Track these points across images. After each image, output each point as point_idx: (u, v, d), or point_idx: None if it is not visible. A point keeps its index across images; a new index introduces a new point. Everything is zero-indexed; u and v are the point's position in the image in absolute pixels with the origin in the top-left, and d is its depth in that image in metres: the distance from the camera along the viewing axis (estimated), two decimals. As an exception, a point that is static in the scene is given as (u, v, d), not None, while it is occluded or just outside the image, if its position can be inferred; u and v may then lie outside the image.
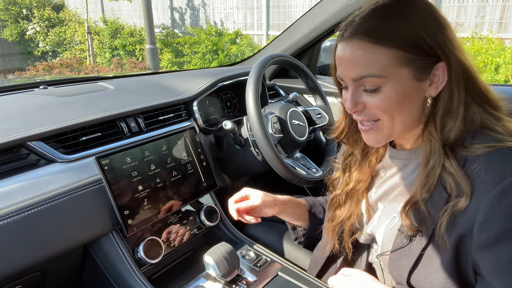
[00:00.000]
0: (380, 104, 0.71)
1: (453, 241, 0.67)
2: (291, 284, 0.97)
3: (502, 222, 0.61)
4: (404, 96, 0.70)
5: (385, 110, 0.71)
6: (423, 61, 0.69)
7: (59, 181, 0.94)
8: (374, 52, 0.68)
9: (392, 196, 0.82)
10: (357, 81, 0.71)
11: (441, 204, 0.69)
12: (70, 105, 1.16)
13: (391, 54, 0.67)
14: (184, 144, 1.18)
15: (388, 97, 0.70)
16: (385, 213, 0.84)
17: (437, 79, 0.70)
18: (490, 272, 0.64)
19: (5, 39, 9.99)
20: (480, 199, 0.64)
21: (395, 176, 0.82)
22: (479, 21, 5.86)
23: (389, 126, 0.74)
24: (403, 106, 0.71)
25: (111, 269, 0.98)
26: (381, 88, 0.70)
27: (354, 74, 0.71)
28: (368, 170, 0.88)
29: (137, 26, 9.49)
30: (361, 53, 0.69)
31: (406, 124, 0.74)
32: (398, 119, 0.72)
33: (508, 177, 0.62)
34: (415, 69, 0.69)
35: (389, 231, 0.80)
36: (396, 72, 0.68)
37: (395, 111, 0.71)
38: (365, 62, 0.69)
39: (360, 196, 0.89)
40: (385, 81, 0.69)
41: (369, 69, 0.69)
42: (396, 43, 0.67)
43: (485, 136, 0.68)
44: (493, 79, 4.83)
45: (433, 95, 0.71)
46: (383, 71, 0.68)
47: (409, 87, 0.70)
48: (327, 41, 1.93)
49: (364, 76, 0.70)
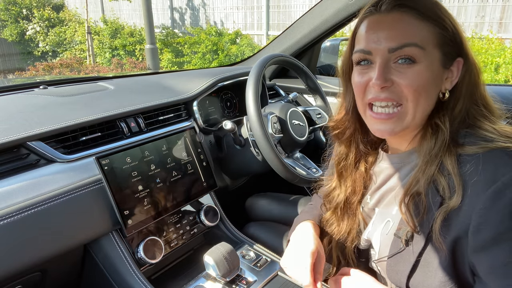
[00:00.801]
0: (412, 80, 0.68)
1: (449, 244, 0.67)
2: (291, 284, 0.98)
3: (497, 224, 0.61)
4: (433, 79, 0.70)
5: (415, 89, 0.68)
6: (451, 48, 0.70)
7: (59, 181, 0.94)
8: (417, 25, 0.68)
9: (387, 201, 0.82)
10: (395, 52, 0.68)
11: (435, 208, 0.69)
12: (70, 105, 1.16)
13: (433, 31, 0.69)
14: (184, 144, 1.18)
15: (420, 74, 0.68)
16: (379, 218, 0.83)
17: (451, 74, 0.72)
18: (487, 274, 0.64)
19: (5, 39, 9.99)
20: (474, 201, 0.64)
21: (389, 181, 0.82)
22: (479, 21, 5.86)
23: (412, 112, 0.70)
24: (429, 89, 0.70)
25: (111, 269, 0.98)
26: (416, 64, 0.68)
27: (394, 43, 0.68)
28: (360, 180, 0.87)
29: (137, 26, 9.50)
30: (404, 24, 0.69)
31: (425, 113, 0.73)
32: (422, 104, 0.70)
33: (501, 178, 0.62)
34: (444, 54, 0.70)
35: (385, 236, 0.80)
36: (432, 51, 0.69)
37: (423, 93, 0.69)
38: (409, 31, 0.68)
39: (355, 208, 0.89)
40: (423, 56, 0.68)
41: (412, 38, 0.67)
42: (437, 22, 0.69)
43: (476, 136, 0.69)
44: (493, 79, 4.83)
45: (448, 89, 0.72)
46: (424, 44, 0.68)
47: (437, 71, 0.70)
48: (327, 41, 1.93)
49: (406, 45, 0.67)
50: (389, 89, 0.70)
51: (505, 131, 0.69)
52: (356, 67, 0.76)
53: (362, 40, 0.73)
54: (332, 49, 2.00)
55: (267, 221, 1.40)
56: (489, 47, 5.32)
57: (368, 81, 0.72)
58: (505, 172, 0.62)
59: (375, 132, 0.76)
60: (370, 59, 0.72)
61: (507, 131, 0.69)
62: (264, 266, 1.04)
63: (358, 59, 0.74)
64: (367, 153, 0.87)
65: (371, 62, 0.72)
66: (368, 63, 0.73)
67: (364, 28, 0.73)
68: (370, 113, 0.74)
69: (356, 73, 0.76)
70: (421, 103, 0.70)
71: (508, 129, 0.69)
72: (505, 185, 0.61)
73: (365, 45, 0.72)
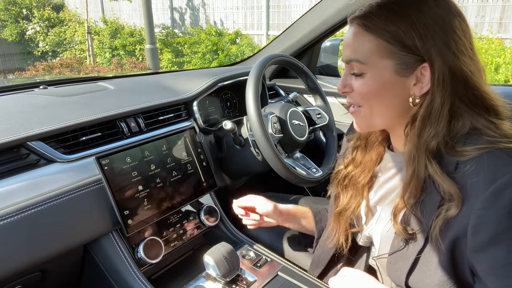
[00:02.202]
0: (360, 89, 0.75)
1: (448, 244, 0.67)
2: (291, 284, 0.98)
3: (495, 224, 0.61)
4: (383, 88, 0.73)
5: (363, 97, 0.75)
6: (405, 57, 0.70)
7: (59, 181, 0.94)
8: (362, 39, 0.72)
9: (390, 199, 0.83)
10: (348, 64, 0.76)
11: (434, 206, 0.69)
12: (70, 105, 1.16)
13: (377, 43, 0.71)
14: (184, 144, 1.18)
15: (368, 84, 0.73)
16: (382, 216, 0.84)
17: (424, 80, 0.71)
18: (486, 274, 0.64)
19: (5, 39, 9.99)
20: (473, 201, 0.64)
21: (392, 180, 0.83)
22: (479, 21, 5.86)
23: (368, 114, 0.77)
24: (381, 97, 0.74)
25: (111, 269, 0.98)
26: (364, 75, 0.74)
27: (345, 56, 0.76)
28: (370, 166, 0.88)
29: (137, 26, 9.49)
30: (352, 38, 0.74)
31: (385, 117, 0.76)
32: (376, 109, 0.76)
33: (500, 178, 0.62)
34: (398, 63, 0.71)
35: (385, 233, 0.81)
36: (378, 62, 0.71)
37: (373, 100, 0.75)
38: (354, 47, 0.74)
39: (361, 190, 0.89)
40: (367, 69, 0.73)
41: (355, 54, 0.73)
42: (382, 34, 0.70)
43: (477, 139, 0.68)
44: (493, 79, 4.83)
45: (417, 95, 0.72)
46: (366, 59, 0.72)
47: (390, 80, 0.72)
48: (327, 41, 1.93)
49: (350, 60, 0.75)
50: (350, 94, 0.78)
51: (506, 131, 0.69)
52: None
53: None
54: (332, 49, 2.00)
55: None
56: (489, 47, 5.32)
57: None
58: (505, 172, 0.62)
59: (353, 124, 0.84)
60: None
61: (507, 132, 0.68)
62: (264, 266, 1.04)
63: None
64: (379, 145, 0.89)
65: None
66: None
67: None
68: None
69: None
70: (375, 108, 0.76)
71: (509, 129, 0.69)
72: (504, 185, 0.61)
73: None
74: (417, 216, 0.72)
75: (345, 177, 0.92)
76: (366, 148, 0.90)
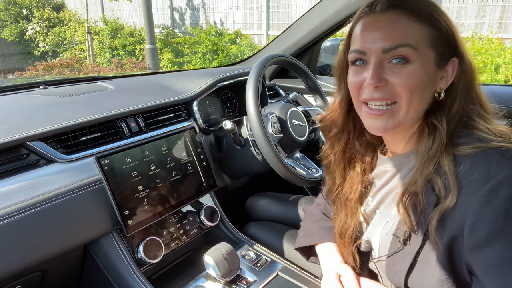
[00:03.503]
0: (405, 80, 0.69)
1: (445, 243, 0.67)
2: (291, 284, 0.98)
3: (491, 223, 0.61)
4: (427, 78, 0.71)
5: (408, 88, 0.69)
6: (446, 48, 0.71)
7: (59, 181, 0.94)
8: (410, 25, 0.69)
9: (386, 202, 0.83)
10: (389, 52, 0.70)
11: (431, 207, 0.69)
12: (70, 105, 1.16)
13: (426, 31, 0.70)
14: (184, 144, 1.18)
15: (414, 74, 0.69)
16: (378, 218, 0.84)
17: (447, 74, 0.72)
18: (483, 273, 0.64)
19: (5, 39, 9.99)
20: (468, 200, 0.64)
21: (389, 183, 0.82)
22: (479, 21, 5.86)
23: (405, 109, 0.71)
24: (423, 89, 0.71)
25: (111, 269, 0.98)
26: (409, 64, 0.69)
27: (388, 43, 0.69)
28: (357, 179, 0.88)
29: (137, 26, 9.49)
30: (398, 24, 0.70)
31: (418, 112, 0.73)
32: (415, 103, 0.71)
33: (494, 177, 0.62)
34: (438, 54, 0.71)
35: (384, 236, 0.80)
36: (425, 51, 0.70)
37: (416, 92, 0.70)
38: (402, 32, 0.69)
39: (353, 207, 0.89)
40: (416, 56, 0.69)
41: (405, 39, 0.69)
42: (431, 22, 0.70)
43: (470, 136, 0.69)
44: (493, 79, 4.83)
45: (443, 88, 0.73)
46: (418, 44, 0.69)
47: (431, 71, 0.71)
48: (327, 41, 1.93)
49: (399, 45, 0.68)
50: (383, 88, 0.71)
51: (500, 130, 0.69)
52: (352, 67, 0.77)
53: (357, 40, 0.74)
54: (332, 49, 2.00)
55: (267, 221, 1.40)
56: (489, 47, 5.32)
57: (362, 81, 0.73)
58: (499, 171, 0.62)
59: (369, 128, 0.77)
60: (365, 59, 0.73)
61: (501, 131, 0.69)
62: (264, 266, 1.04)
63: (353, 59, 0.76)
64: (364, 154, 0.88)
65: (366, 62, 0.73)
66: (363, 63, 0.74)
67: (359, 29, 0.74)
68: (365, 109, 0.75)
69: (351, 72, 0.77)
70: (414, 101, 0.71)
71: (503, 128, 0.70)
72: (499, 183, 0.61)
73: (360, 46, 0.73)
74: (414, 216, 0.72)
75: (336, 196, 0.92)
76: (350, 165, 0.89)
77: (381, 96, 0.71)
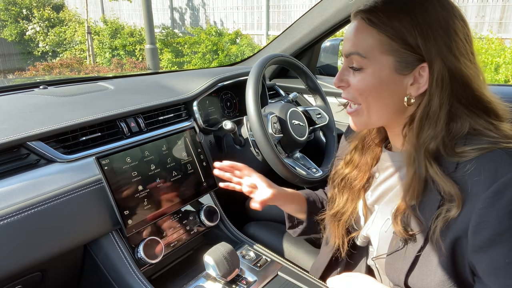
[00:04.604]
0: (358, 85, 0.74)
1: (448, 244, 0.67)
2: (291, 284, 0.97)
3: (496, 224, 0.61)
4: (381, 84, 0.72)
5: (360, 93, 0.74)
6: (406, 55, 0.70)
7: (59, 181, 0.94)
8: (365, 33, 0.72)
9: (387, 199, 0.83)
10: (347, 58, 0.75)
11: (434, 207, 0.69)
12: (70, 105, 1.16)
13: (379, 38, 0.71)
14: (184, 144, 1.18)
15: (366, 80, 0.73)
16: (379, 215, 0.84)
17: (421, 80, 0.71)
18: (486, 274, 0.64)
19: (5, 39, 9.99)
20: (474, 201, 0.64)
21: (390, 179, 0.83)
22: (479, 21, 5.86)
23: (366, 112, 0.76)
24: (379, 94, 0.73)
25: (111, 269, 0.98)
26: (363, 70, 0.73)
27: (345, 50, 0.75)
28: (364, 167, 0.88)
29: (137, 26, 9.49)
30: (355, 31, 0.74)
31: (382, 115, 0.76)
32: (373, 107, 0.75)
33: (501, 178, 0.62)
34: (398, 61, 0.70)
35: (384, 233, 0.80)
36: (379, 58, 0.71)
37: (370, 97, 0.74)
38: (355, 40, 0.73)
39: (356, 193, 0.89)
40: (367, 63, 0.72)
41: (356, 47, 0.73)
42: (385, 30, 0.70)
43: (477, 140, 0.68)
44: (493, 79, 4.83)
45: (413, 95, 0.72)
46: (367, 53, 0.72)
47: (388, 77, 0.72)
48: (327, 41, 1.93)
49: (350, 53, 0.74)
50: (347, 89, 0.78)
51: (505, 132, 0.69)
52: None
53: None
54: (332, 49, 2.00)
55: (267, 221, 1.40)
56: (489, 47, 5.32)
57: None
58: (505, 172, 0.62)
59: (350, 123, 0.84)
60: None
61: (507, 132, 0.68)
62: (264, 266, 1.04)
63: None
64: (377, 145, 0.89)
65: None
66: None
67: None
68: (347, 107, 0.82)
69: None
70: (372, 105, 0.75)
71: (508, 130, 0.69)
72: (505, 185, 0.61)
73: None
74: (416, 217, 0.72)
75: (342, 180, 0.92)
76: (362, 150, 0.90)
77: (346, 96, 0.79)
